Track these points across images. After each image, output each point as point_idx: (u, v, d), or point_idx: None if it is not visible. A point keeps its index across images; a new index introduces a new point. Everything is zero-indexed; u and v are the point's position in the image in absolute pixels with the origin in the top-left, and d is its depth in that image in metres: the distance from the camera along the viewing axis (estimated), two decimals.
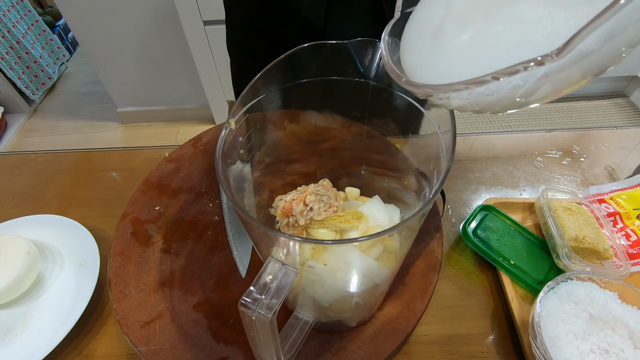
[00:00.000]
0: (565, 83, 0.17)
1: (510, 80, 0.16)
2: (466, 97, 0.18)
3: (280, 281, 0.24)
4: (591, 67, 0.16)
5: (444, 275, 0.49)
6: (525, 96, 0.17)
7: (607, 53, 0.15)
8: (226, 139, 0.28)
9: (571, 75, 0.16)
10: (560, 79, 0.16)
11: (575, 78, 0.16)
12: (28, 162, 0.65)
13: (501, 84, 0.16)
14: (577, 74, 0.16)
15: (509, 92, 0.17)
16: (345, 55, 0.29)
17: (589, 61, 0.15)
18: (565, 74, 0.16)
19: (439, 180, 0.24)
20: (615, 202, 0.52)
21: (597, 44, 0.15)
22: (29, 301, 0.47)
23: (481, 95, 0.17)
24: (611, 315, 0.39)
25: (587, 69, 0.16)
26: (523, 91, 0.16)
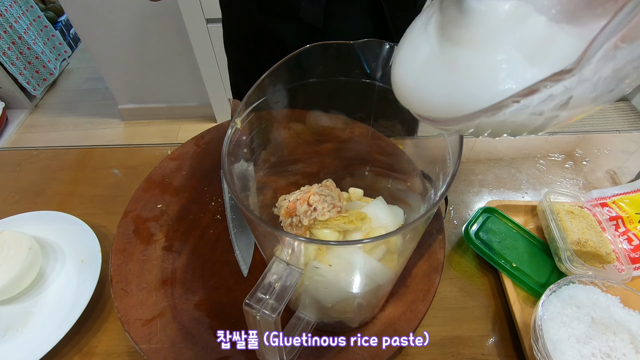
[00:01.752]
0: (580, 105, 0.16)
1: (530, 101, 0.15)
2: (488, 123, 0.17)
3: (284, 281, 0.24)
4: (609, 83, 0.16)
5: (445, 277, 0.49)
6: (552, 112, 0.16)
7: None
8: (231, 139, 0.28)
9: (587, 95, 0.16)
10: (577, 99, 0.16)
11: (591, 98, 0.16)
12: (30, 158, 0.65)
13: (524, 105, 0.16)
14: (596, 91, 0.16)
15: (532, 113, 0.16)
16: (352, 56, 0.29)
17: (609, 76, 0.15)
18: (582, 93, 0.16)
19: (446, 183, 0.24)
20: (617, 206, 0.52)
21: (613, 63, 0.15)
22: (30, 298, 0.47)
23: (504, 120, 0.17)
24: (613, 319, 0.39)
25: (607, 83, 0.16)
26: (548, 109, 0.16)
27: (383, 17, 0.52)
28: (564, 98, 0.15)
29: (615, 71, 0.15)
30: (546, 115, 0.16)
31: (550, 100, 0.16)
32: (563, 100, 0.15)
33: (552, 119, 0.17)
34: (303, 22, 0.53)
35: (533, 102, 0.16)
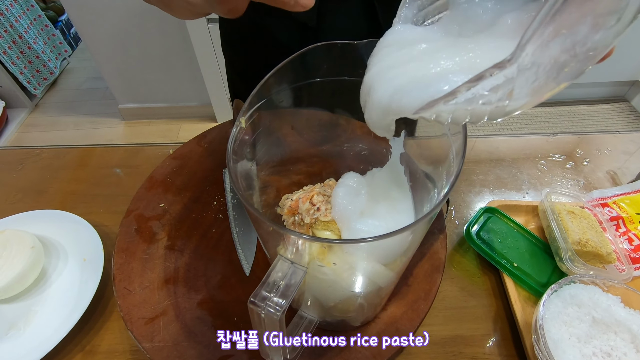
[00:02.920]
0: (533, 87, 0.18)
1: (480, 88, 0.18)
2: (452, 110, 0.20)
3: (289, 279, 0.24)
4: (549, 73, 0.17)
5: (447, 276, 0.49)
6: (501, 101, 0.18)
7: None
8: (236, 137, 0.28)
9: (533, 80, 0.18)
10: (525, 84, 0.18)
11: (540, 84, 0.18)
12: (32, 157, 0.65)
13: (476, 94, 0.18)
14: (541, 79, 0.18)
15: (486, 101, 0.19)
16: (356, 56, 0.29)
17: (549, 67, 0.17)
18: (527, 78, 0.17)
19: (449, 183, 0.24)
20: (618, 206, 0.52)
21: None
22: (32, 296, 0.47)
23: (465, 107, 0.19)
24: (614, 319, 0.39)
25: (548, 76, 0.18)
26: (496, 97, 0.18)
27: (375, 16, 0.53)
28: (507, 88, 0.17)
29: (553, 60, 0.16)
30: (496, 104, 0.18)
31: (495, 90, 0.18)
32: (507, 89, 0.17)
33: (504, 107, 0.19)
34: (296, 21, 0.53)
35: (479, 92, 0.18)
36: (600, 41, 0.16)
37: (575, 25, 0.16)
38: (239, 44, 0.65)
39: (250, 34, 0.60)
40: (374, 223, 0.30)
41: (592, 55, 0.16)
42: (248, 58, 0.65)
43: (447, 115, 0.20)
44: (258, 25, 0.58)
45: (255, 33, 0.59)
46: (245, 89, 0.28)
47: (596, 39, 0.16)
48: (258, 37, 0.59)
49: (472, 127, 1.91)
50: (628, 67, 1.88)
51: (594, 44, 0.16)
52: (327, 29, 0.54)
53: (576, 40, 0.16)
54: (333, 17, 0.53)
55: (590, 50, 0.16)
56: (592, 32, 0.16)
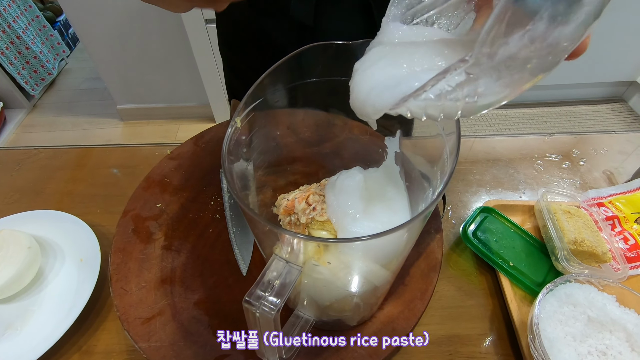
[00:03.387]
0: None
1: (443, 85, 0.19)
2: (424, 106, 0.21)
3: (284, 279, 0.24)
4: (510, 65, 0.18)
5: (443, 276, 0.49)
6: (470, 97, 0.19)
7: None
8: (231, 138, 0.28)
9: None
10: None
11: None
12: (29, 158, 0.65)
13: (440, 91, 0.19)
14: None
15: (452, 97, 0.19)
16: (351, 56, 0.29)
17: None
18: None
19: (443, 182, 0.24)
20: (614, 205, 0.53)
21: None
22: (29, 296, 0.47)
23: (436, 103, 0.20)
24: (609, 317, 0.39)
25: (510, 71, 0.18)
26: (464, 94, 0.19)
27: (371, 15, 0.53)
28: (472, 84, 0.18)
29: (512, 56, 0.17)
30: (465, 100, 0.19)
31: (461, 87, 0.19)
32: (473, 85, 0.18)
33: (475, 103, 0.19)
34: (294, 21, 0.53)
35: (446, 87, 0.19)
36: (562, 36, 0.16)
37: (531, 22, 0.16)
38: (236, 45, 0.65)
39: (247, 34, 0.60)
40: (369, 223, 0.30)
41: (556, 49, 0.17)
42: (245, 58, 0.65)
43: (420, 111, 0.21)
44: (255, 26, 0.58)
45: (252, 33, 0.59)
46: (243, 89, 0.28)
47: (556, 34, 0.16)
48: (255, 37, 0.59)
49: (470, 127, 1.92)
50: (625, 67, 1.89)
51: (555, 39, 0.16)
52: (324, 29, 0.55)
53: (534, 36, 0.16)
54: (330, 17, 0.54)
55: (553, 45, 0.16)
56: (551, 28, 0.16)
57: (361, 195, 0.32)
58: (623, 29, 1.70)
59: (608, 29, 1.70)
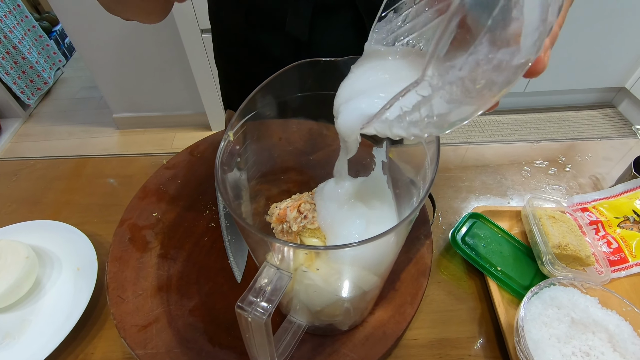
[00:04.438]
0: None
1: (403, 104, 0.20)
2: (392, 125, 0.22)
3: (275, 285, 0.25)
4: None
5: (433, 280, 0.51)
6: (429, 117, 0.20)
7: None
8: (224, 150, 0.30)
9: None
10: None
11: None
12: (26, 168, 0.66)
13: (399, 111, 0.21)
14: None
15: (414, 117, 0.21)
16: (338, 71, 0.31)
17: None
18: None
19: (425, 189, 0.26)
20: (597, 210, 0.54)
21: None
22: (27, 305, 0.47)
23: (406, 122, 0.21)
24: (592, 319, 0.41)
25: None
26: (425, 113, 0.20)
27: (364, 30, 0.55)
28: (428, 106, 0.20)
29: (461, 78, 0.18)
30: (425, 120, 0.20)
31: (416, 109, 0.20)
32: (429, 108, 0.20)
33: (437, 122, 0.21)
34: (289, 36, 0.55)
35: (403, 109, 0.21)
36: (506, 57, 0.17)
37: (473, 45, 0.17)
38: (232, 57, 0.67)
39: (243, 47, 0.62)
40: (356, 229, 0.31)
41: (506, 68, 0.18)
42: (241, 70, 0.67)
43: (387, 131, 0.23)
44: (251, 39, 0.60)
45: (248, 46, 0.61)
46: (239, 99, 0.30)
47: (499, 56, 0.17)
48: (251, 50, 0.61)
49: (463, 134, 1.95)
50: (614, 73, 1.93)
51: (500, 60, 0.17)
52: (318, 43, 0.56)
53: (479, 58, 0.17)
54: (324, 32, 0.56)
55: (500, 66, 0.17)
56: (493, 51, 0.17)
57: (348, 202, 0.33)
58: (612, 36, 1.75)
59: (597, 36, 1.74)
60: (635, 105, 1.98)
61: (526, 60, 0.17)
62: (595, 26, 1.70)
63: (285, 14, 0.53)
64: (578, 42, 1.76)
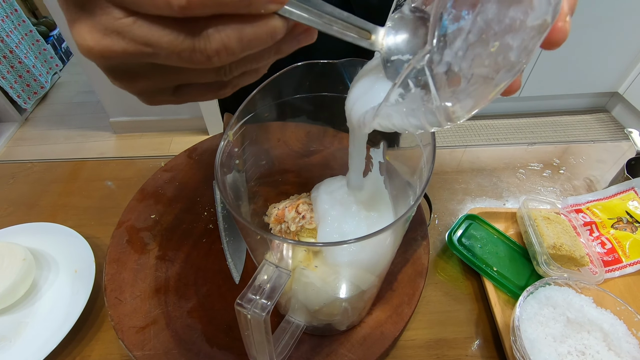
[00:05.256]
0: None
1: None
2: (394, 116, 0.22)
3: (274, 283, 0.25)
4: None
5: (431, 281, 0.51)
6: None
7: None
8: (224, 150, 0.30)
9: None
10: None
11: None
12: (24, 171, 0.66)
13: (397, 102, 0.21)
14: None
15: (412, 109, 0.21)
16: (336, 73, 0.31)
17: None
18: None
19: (421, 189, 0.26)
20: (591, 212, 0.55)
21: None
22: (23, 308, 0.47)
23: (402, 114, 0.21)
24: (587, 318, 0.41)
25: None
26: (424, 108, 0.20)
27: None
28: (431, 84, 0.19)
29: (472, 43, 0.17)
30: (423, 110, 0.20)
31: (412, 99, 0.20)
32: (425, 96, 0.19)
33: (432, 118, 0.20)
34: None
35: (399, 98, 0.20)
36: (518, 15, 0.16)
37: (480, 4, 0.16)
38: None
39: None
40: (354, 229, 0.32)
41: (521, 28, 0.16)
42: None
43: (389, 125, 0.22)
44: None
45: None
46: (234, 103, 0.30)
47: (512, 14, 0.16)
48: None
49: (460, 138, 1.96)
50: (608, 78, 1.96)
51: (512, 19, 0.16)
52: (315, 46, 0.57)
53: (488, 18, 0.16)
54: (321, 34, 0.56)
55: (513, 25, 0.16)
56: (504, 8, 0.16)
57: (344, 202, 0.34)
58: (605, 41, 1.77)
59: (591, 42, 1.77)
60: (629, 110, 2.01)
61: (543, 21, 0.15)
62: (589, 32, 1.73)
63: None
64: (572, 48, 1.79)
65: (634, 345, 0.39)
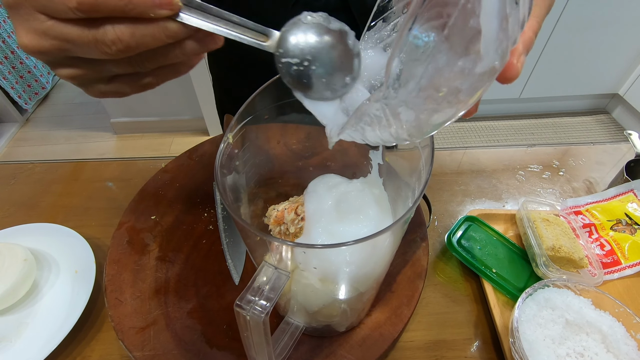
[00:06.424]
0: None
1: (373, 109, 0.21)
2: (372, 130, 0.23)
3: (273, 284, 0.26)
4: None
5: (430, 283, 0.51)
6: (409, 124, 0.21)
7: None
8: (224, 152, 0.30)
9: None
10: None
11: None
12: (25, 172, 0.66)
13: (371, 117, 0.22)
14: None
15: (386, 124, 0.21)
16: None
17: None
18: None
19: (419, 190, 0.26)
20: (590, 214, 0.55)
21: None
22: (24, 308, 0.47)
23: (382, 128, 0.22)
24: (585, 320, 0.41)
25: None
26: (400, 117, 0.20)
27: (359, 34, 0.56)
28: (388, 115, 0.20)
29: (423, 87, 0.18)
30: (393, 127, 0.21)
31: (378, 119, 0.21)
32: (388, 117, 0.20)
33: (401, 135, 0.21)
34: None
35: (367, 117, 0.21)
36: (467, 64, 0.17)
37: (432, 55, 0.18)
38: (225, 63, 0.67)
39: (236, 54, 0.63)
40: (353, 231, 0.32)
41: (470, 74, 0.17)
42: (234, 76, 0.67)
43: (359, 138, 0.24)
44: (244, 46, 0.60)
45: (241, 53, 0.62)
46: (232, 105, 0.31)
47: (460, 64, 0.17)
48: (244, 57, 0.62)
49: (460, 139, 1.96)
50: (608, 80, 1.96)
51: (462, 68, 0.17)
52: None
53: (439, 66, 0.18)
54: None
55: (463, 73, 0.17)
56: (453, 59, 0.17)
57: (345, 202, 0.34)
58: (606, 43, 1.78)
59: (592, 44, 1.77)
60: (629, 112, 2.01)
61: (491, 67, 0.17)
62: (589, 34, 1.74)
63: (280, 19, 0.54)
64: (572, 50, 1.79)
65: (632, 347, 0.39)
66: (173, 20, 0.22)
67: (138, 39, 0.22)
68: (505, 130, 2.04)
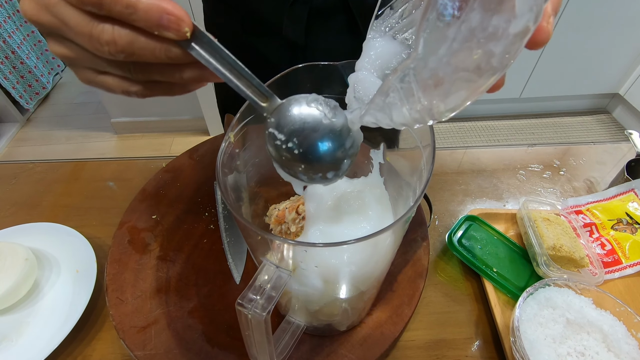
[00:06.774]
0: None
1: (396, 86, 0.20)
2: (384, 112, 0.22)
3: (274, 283, 0.26)
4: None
5: (430, 282, 0.51)
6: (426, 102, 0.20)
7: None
8: (225, 151, 0.30)
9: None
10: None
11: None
12: (26, 171, 0.66)
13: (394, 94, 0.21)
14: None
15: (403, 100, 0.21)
16: (336, 75, 0.31)
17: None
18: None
19: (420, 189, 0.26)
20: (591, 213, 0.55)
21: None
22: (25, 308, 0.48)
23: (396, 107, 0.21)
24: (586, 319, 0.41)
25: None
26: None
27: (359, 34, 0.56)
28: (417, 88, 0.19)
29: (455, 51, 0.17)
30: (422, 102, 0.20)
31: (407, 93, 0.19)
32: (417, 91, 0.19)
33: (416, 116, 0.20)
34: (285, 40, 0.56)
35: (399, 93, 0.20)
36: (501, 23, 0.16)
37: (465, 14, 0.16)
38: None
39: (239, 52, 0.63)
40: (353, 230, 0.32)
41: (503, 36, 0.16)
42: None
43: (374, 121, 0.23)
44: (247, 45, 0.60)
45: (244, 52, 0.62)
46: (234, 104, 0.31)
47: (494, 23, 0.16)
48: (247, 55, 0.62)
49: (460, 139, 1.96)
50: (609, 80, 1.96)
51: (495, 27, 0.16)
52: (314, 47, 0.57)
53: (472, 26, 0.16)
54: (320, 36, 0.57)
55: (496, 34, 0.16)
56: (487, 17, 0.16)
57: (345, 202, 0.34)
58: (606, 43, 1.77)
59: (592, 44, 1.77)
60: (629, 111, 2.01)
61: (524, 27, 0.16)
62: (590, 33, 1.73)
63: (280, 19, 0.54)
64: (573, 49, 1.79)
65: (633, 347, 0.39)
66: (176, 43, 0.21)
67: (135, 49, 0.21)
68: (506, 130, 2.04)
